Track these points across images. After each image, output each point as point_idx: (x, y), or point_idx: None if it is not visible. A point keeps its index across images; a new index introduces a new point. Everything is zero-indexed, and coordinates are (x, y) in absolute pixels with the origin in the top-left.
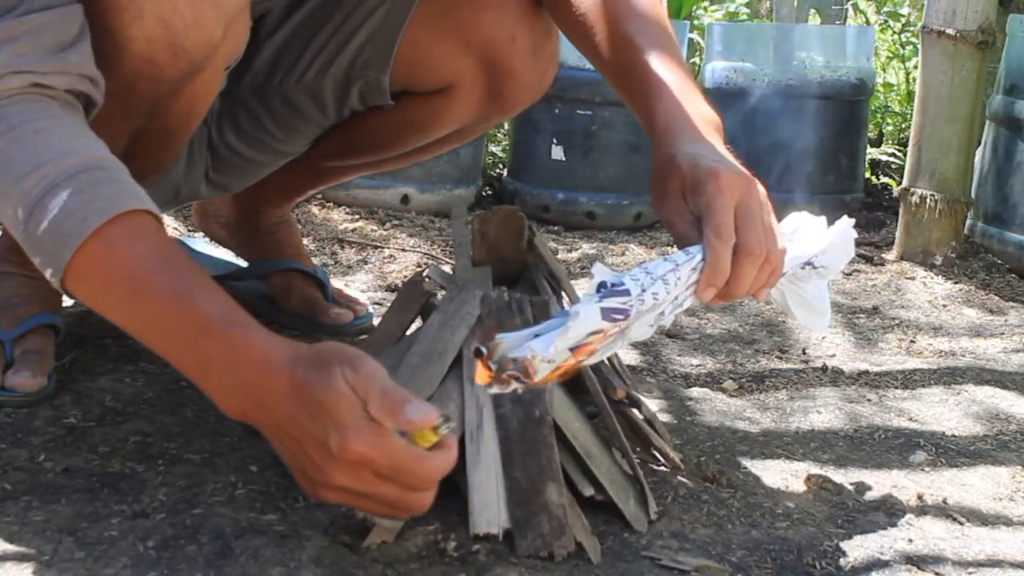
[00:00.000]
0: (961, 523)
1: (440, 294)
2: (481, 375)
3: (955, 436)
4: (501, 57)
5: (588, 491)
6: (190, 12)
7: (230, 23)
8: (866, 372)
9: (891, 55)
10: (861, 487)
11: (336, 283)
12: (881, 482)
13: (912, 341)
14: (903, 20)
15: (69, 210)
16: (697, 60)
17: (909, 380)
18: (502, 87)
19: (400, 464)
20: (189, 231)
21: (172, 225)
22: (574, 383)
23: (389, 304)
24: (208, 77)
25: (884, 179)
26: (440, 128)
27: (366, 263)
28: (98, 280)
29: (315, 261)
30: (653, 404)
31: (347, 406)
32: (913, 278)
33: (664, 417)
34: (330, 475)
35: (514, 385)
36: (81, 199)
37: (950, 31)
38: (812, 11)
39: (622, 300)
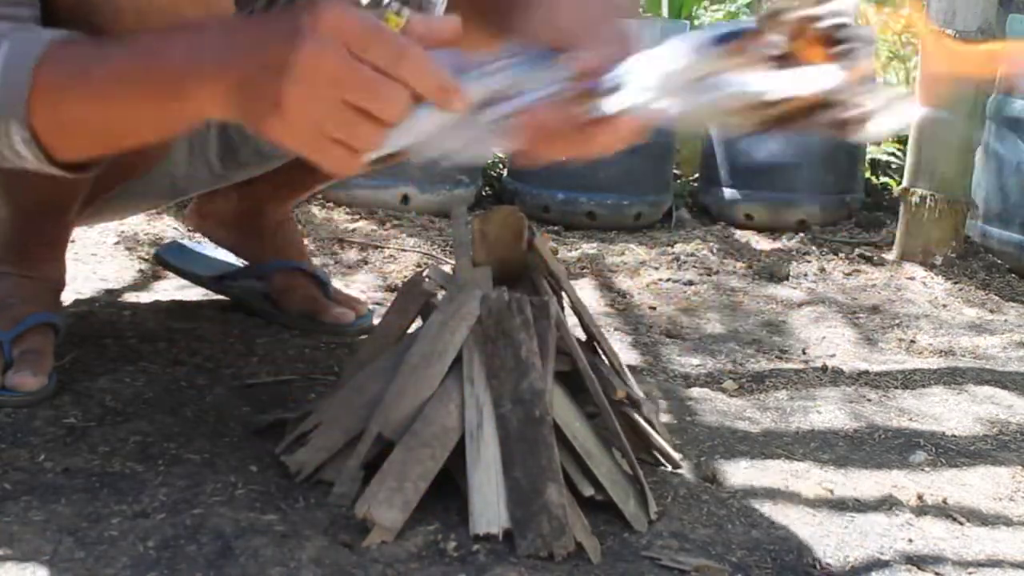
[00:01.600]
0: (961, 523)
1: (440, 294)
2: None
3: (955, 436)
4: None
5: (588, 491)
6: (167, 2)
7: (210, 12)
8: (866, 372)
9: (891, 55)
10: (861, 487)
11: (336, 283)
12: (881, 482)
13: (912, 341)
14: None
15: (5, 63)
16: None
17: (909, 380)
18: None
19: (376, 28)
20: (189, 231)
21: (172, 225)
22: (574, 383)
23: (389, 304)
24: None
25: (884, 179)
26: None
27: (366, 263)
28: (59, 86)
29: (315, 261)
30: (653, 404)
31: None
32: (913, 278)
33: (664, 417)
34: (300, 60)
35: None
36: (11, 51)
37: (950, 31)
38: None
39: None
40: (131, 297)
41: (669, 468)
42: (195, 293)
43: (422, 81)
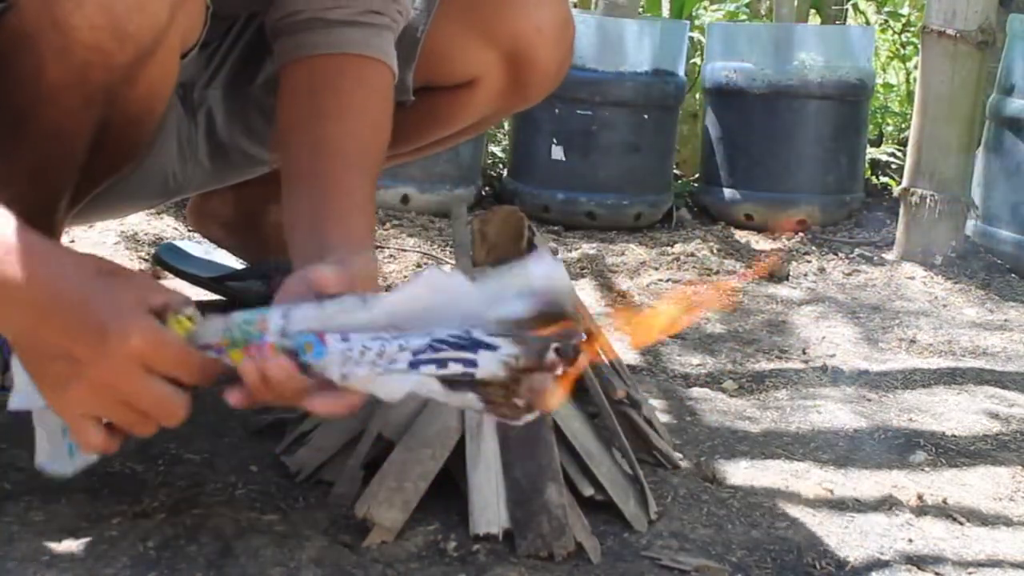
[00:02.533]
0: (961, 523)
1: None
2: None
3: (955, 436)
4: (527, 49)
5: (588, 491)
6: (136, 4)
7: (179, 3)
8: (866, 372)
9: (891, 55)
10: (861, 487)
11: None
12: (881, 482)
13: (912, 341)
14: (903, 20)
15: None
16: (697, 60)
17: (909, 380)
18: (526, 78)
19: (180, 355)
20: (189, 231)
21: (172, 225)
22: (574, 383)
23: None
24: (162, 61)
25: (884, 179)
26: (460, 121)
27: None
28: None
29: None
30: (653, 404)
31: (135, 300)
32: (913, 278)
33: (664, 417)
34: (96, 374)
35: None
36: None
37: (950, 31)
38: (812, 11)
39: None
40: None
41: (669, 468)
42: (194, 294)
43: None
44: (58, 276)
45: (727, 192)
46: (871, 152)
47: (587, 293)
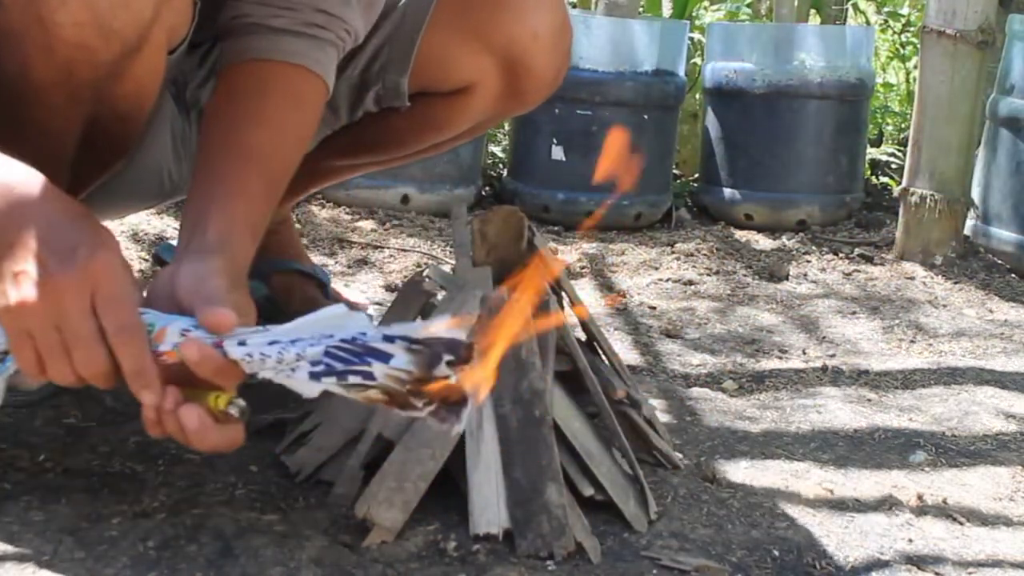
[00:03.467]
0: (961, 523)
1: (440, 294)
2: None
3: (955, 436)
4: (523, 55)
5: (588, 491)
6: (120, 3)
7: (162, 0)
8: (866, 372)
9: (891, 55)
10: (861, 487)
11: (336, 283)
12: (881, 482)
13: (912, 341)
14: (903, 20)
15: None
16: (697, 60)
17: (909, 380)
18: (522, 84)
19: (125, 306)
20: None
21: (172, 225)
22: (574, 383)
23: (389, 304)
24: (148, 57)
25: (884, 179)
26: (456, 127)
27: (366, 263)
28: None
29: (316, 261)
30: (653, 404)
31: (114, 244)
32: (913, 278)
33: (664, 417)
34: (49, 281)
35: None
36: None
37: (950, 31)
38: (812, 11)
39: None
40: None
41: (669, 468)
42: None
43: (125, 362)
44: (55, 194)
45: (727, 192)
46: (871, 152)
47: (587, 293)
